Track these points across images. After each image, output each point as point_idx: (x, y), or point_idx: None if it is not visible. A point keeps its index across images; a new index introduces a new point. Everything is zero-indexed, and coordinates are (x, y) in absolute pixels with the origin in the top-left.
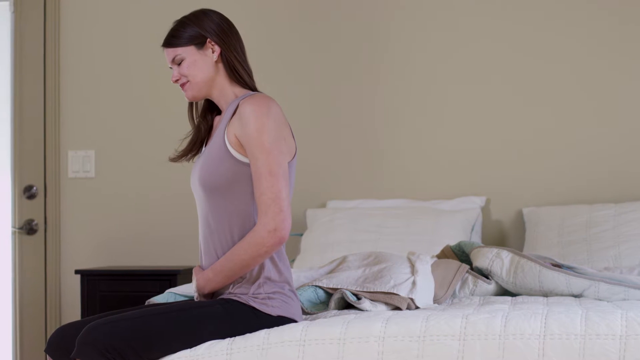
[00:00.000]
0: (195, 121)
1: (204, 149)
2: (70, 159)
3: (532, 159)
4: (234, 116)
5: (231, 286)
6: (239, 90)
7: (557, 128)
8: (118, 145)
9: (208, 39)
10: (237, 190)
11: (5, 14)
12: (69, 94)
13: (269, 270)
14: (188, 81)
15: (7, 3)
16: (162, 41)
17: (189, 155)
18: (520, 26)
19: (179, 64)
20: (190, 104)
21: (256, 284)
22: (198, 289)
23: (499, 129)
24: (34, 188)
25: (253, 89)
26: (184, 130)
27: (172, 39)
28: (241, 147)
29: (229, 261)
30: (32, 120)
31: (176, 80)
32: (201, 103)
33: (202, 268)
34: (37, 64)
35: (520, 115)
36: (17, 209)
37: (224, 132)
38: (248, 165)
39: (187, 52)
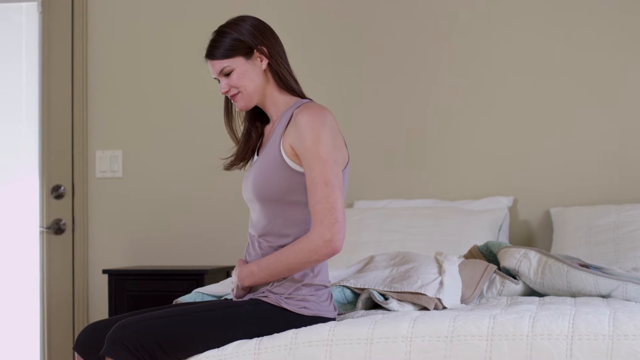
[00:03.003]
0: (237, 128)
1: (255, 157)
2: (97, 159)
3: (559, 159)
4: (289, 126)
5: (269, 284)
6: (289, 99)
7: (584, 128)
8: (145, 145)
9: (256, 49)
10: (293, 199)
11: (33, 14)
12: (97, 94)
13: (310, 277)
14: (239, 92)
15: (34, 3)
16: (188, 40)
17: (241, 164)
18: (546, 25)
19: (227, 75)
20: (226, 111)
21: (295, 286)
22: (239, 280)
23: (526, 130)
24: (62, 188)
25: (302, 95)
26: (211, 130)
27: (217, 51)
28: (296, 157)
29: (277, 261)
30: (60, 120)
31: (226, 92)
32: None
33: (246, 262)
34: (64, 64)
35: (548, 115)
36: (45, 208)
37: (279, 141)
38: (304, 174)
39: (236, 63)
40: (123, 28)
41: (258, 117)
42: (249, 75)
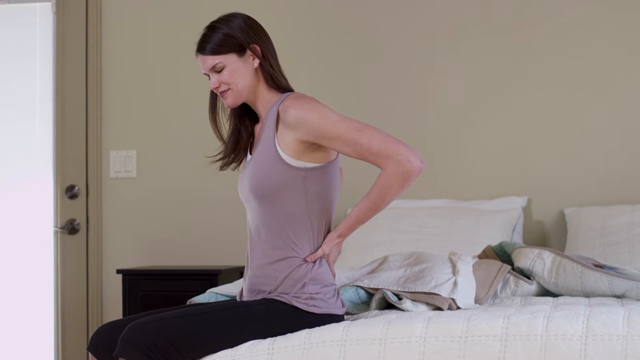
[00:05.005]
0: (221, 125)
1: (249, 157)
2: (112, 159)
3: (573, 159)
4: (280, 124)
5: (275, 285)
6: (275, 95)
7: (598, 128)
8: (159, 145)
9: (248, 48)
10: (290, 194)
11: (47, 14)
12: (111, 94)
13: (314, 271)
14: (229, 89)
15: (49, 3)
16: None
17: (233, 165)
18: (557, 26)
19: (219, 71)
20: (211, 107)
21: (300, 283)
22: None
23: (540, 129)
24: (76, 188)
25: (288, 90)
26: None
27: (208, 46)
28: (298, 152)
29: (368, 199)
30: (74, 120)
31: (216, 88)
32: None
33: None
34: (79, 64)
35: (562, 115)
36: (59, 208)
37: (273, 138)
38: (300, 169)
39: (228, 60)
40: (137, 28)
41: (247, 115)
42: (240, 73)
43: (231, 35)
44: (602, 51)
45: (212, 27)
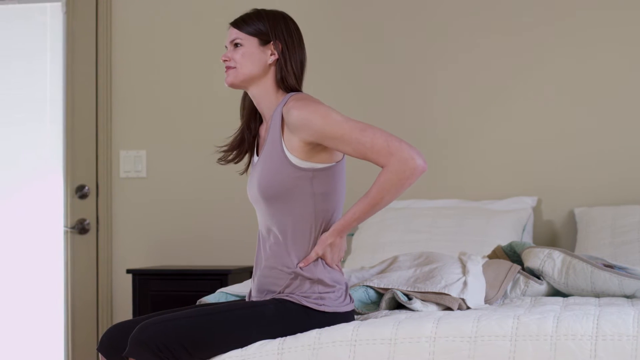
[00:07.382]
0: (243, 115)
1: (255, 158)
2: (121, 159)
3: (583, 159)
4: (285, 127)
5: (284, 285)
6: (281, 94)
7: (608, 128)
8: (169, 145)
9: (272, 42)
10: (298, 195)
11: (57, 14)
12: (121, 94)
13: (323, 271)
14: (235, 67)
15: (59, 3)
16: (212, 40)
17: (234, 163)
18: (568, 24)
19: (235, 47)
20: (243, 100)
21: (308, 283)
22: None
23: (550, 129)
24: (86, 188)
25: (294, 90)
26: (234, 132)
27: (242, 23)
28: (305, 153)
29: (368, 197)
30: (84, 120)
31: (224, 60)
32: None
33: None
34: (89, 64)
35: (571, 115)
36: (69, 208)
37: (279, 140)
38: (307, 170)
39: (248, 42)
40: (147, 28)
41: (253, 118)
42: (252, 59)
43: (265, 25)
44: (612, 50)
45: (258, 13)
